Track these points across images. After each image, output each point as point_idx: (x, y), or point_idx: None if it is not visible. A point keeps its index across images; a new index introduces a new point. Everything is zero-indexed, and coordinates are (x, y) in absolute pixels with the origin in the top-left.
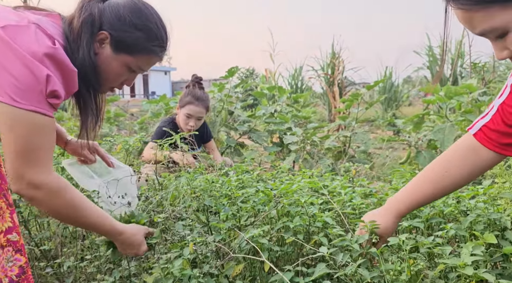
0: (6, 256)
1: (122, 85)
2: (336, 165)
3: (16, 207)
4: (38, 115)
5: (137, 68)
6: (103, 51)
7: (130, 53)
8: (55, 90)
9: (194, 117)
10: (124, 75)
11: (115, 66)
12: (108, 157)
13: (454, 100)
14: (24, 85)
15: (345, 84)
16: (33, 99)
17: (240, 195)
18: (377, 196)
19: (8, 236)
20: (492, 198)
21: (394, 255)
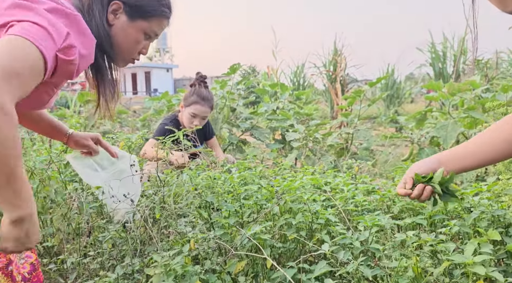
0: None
1: (139, 54)
2: (338, 162)
3: None
4: (38, 52)
5: (152, 32)
6: (118, 21)
7: (145, 18)
8: (71, 44)
9: (200, 116)
10: (141, 42)
11: (133, 34)
12: (112, 149)
13: (457, 96)
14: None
15: (347, 81)
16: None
17: (242, 192)
18: (380, 193)
19: None
20: (496, 195)
21: (397, 252)
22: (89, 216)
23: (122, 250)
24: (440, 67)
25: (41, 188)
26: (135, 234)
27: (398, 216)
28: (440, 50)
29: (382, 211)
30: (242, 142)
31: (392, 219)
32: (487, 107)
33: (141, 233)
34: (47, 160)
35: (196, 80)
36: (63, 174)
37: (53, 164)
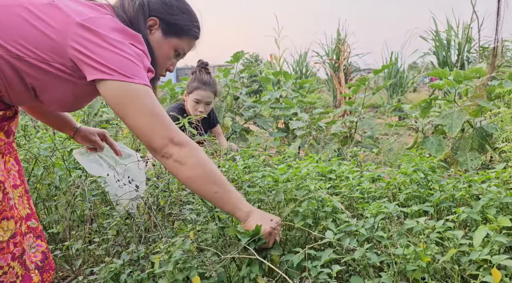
0: (28, 242)
1: (166, 72)
2: (342, 150)
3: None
4: (146, 87)
5: (182, 50)
6: (153, 37)
7: (178, 36)
8: (149, 66)
9: (203, 102)
10: (170, 58)
11: (165, 50)
12: (116, 145)
13: (463, 84)
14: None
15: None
16: (140, 75)
17: (247, 180)
18: (386, 181)
19: (28, 222)
20: (504, 182)
21: (403, 239)
22: (92, 203)
23: (126, 237)
24: (444, 56)
25: (46, 175)
26: (140, 221)
27: (405, 204)
28: (444, 38)
29: (388, 199)
30: (245, 131)
31: (399, 207)
32: (495, 94)
33: (146, 220)
34: (51, 147)
35: (197, 67)
36: (67, 161)
37: (57, 151)
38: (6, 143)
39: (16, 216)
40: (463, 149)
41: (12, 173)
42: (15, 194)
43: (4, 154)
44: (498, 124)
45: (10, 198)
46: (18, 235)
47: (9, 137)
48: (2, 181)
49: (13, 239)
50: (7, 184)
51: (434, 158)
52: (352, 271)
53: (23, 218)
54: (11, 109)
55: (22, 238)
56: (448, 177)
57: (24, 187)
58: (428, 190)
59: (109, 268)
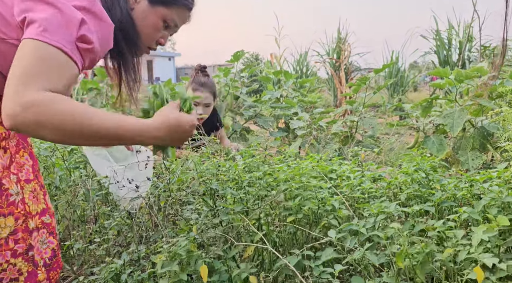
0: (41, 238)
1: (157, 44)
2: (343, 150)
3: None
4: (62, 53)
5: (172, 21)
6: (139, 6)
7: (166, 5)
8: (86, 35)
9: (201, 104)
10: (160, 30)
11: (152, 20)
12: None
13: (464, 84)
14: (55, 24)
15: (351, 69)
16: (61, 38)
17: (246, 178)
18: (387, 180)
19: (42, 218)
20: (506, 181)
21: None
22: (95, 203)
23: (127, 237)
24: (445, 55)
25: (46, 175)
26: (140, 221)
27: (406, 203)
28: (445, 37)
29: (389, 198)
30: (246, 130)
31: (400, 206)
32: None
33: (146, 220)
34: (51, 147)
35: (195, 70)
36: (68, 161)
37: (57, 151)
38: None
39: (17, 212)
40: (464, 149)
41: (26, 168)
42: (26, 189)
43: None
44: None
45: (11, 194)
46: (20, 232)
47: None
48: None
49: (14, 235)
50: (6, 181)
51: (435, 157)
52: (353, 271)
53: (31, 214)
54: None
55: (27, 235)
56: (449, 177)
57: (38, 182)
58: (429, 189)
59: (109, 268)
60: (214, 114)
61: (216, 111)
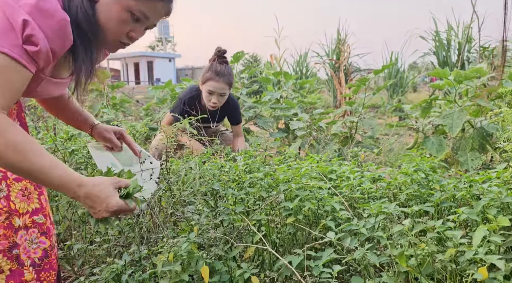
0: (30, 237)
1: (131, 39)
2: (343, 150)
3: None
4: (7, 58)
5: (140, 14)
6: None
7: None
8: (32, 34)
9: (216, 93)
10: (128, 23)
11: (117, 12)
12: (136, 146)
13: (463, 84)
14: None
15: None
16: (6, 42)
17: (247, 179)
18: (386, 181)
19: (34, 217)
20: (505, 182)
21: (403, 239)
22: None
23: (128, 237)
24: (444, 56)
25: None
26: (142, 222)
27: (405, 204)
28: (444, 38)
29: (389, 199)
30: (246, 131)
31: (399, 207)
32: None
33: (147, 221)
34: (52, 148)
35: (214, 55)
36: (68, 162)
37: (58, 152)
38: None
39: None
40: (463, 149)
41: None
42: (14, 187)
43: None
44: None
45: None
46: (2, 229)
47: None
48: None
49: None
50: None
51: (435, 158)
52: (353, 271)
53: (18, 211)
54: None
55: (11, 232)
56: (448, 177)
57: (30, 181)
58: (428, 190)
59: (110, 269)
60: (234, 107)
61: (235, 103)
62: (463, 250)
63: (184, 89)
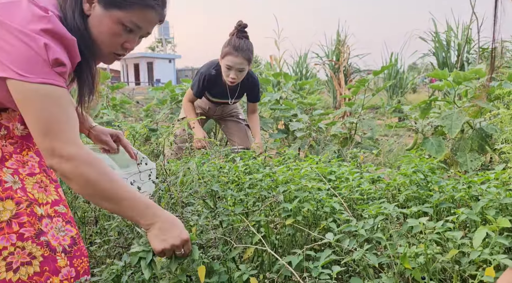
0: (56, 225)
1: (125, 50)
2: (342, 151)
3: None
4: (48, 86)
5: (132, 25)
6: (94, 12)
7: (120, 8)
8: (57, 57)
9: (234, 68)
10: (121, 35)
11: (108, 25)
12: (132, 149)
13: (462, 85)
14: (25, 58)
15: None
16: (39, 71)
17: (247, 180)
18: (385, 182)
19: (55, 207)
20: (504, 183)
21: (403, 240)
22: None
23: (128, 238)
24: (444, 57)
25: None
26: None
27: (404, 205)
28: (444, 39)
29: (388, 200)
30: None
31: (398, 208)
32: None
33: None
34: None
35: (234, 29)
36: None
37: None
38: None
39: (17, 197)
40: (462, 150)
41: (30, 164)
42: (29, 181)
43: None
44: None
45: (6, 182)
46: (25, 215)
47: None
48: None
49: (17, 219)
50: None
51: (434, 159)
52: (352, 272)
53: (37, 201)
54: None
55: (35, 219)
56: (447, 178)
57: (47, 176)
58: (427, 191)
59: (110, 269)
60: (254, 84)
61: (255, 80)
62: (463, 251)
63: (184, 90)
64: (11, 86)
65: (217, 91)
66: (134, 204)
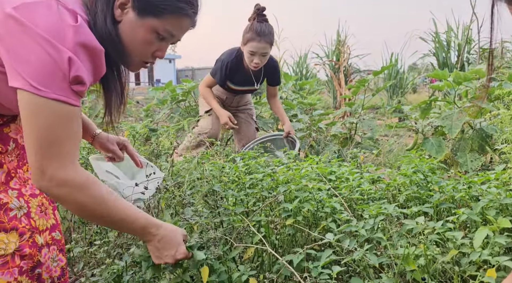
0: (52, 255)
1: (154, 58)
2: (342, 151)
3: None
4: (61, 104)
5: (166, 33)
6: (126, 18)
7: (156, 15)
8: (79, 75)
9: (258, 53)
10: (153, 43)
11: (141, 33)
12: (138, 157)
13: (462, 86)
14: (44, 69)
15: (350, 71)
16: (55, 86)
17: (247, 180)
18: (386, 182)
19: (52, 233)
20: (504, 183)
21: (403, 240)
22: None
23: (128, 239)
24: (444, 57)
25: None
26: None
27: (404, 205)
28: (444, 39)
29: (388, 200)
30: None
31: (398, 208)
32: (495, 96)
33: None
34: None
35: (253, 14)
36: None
37: None
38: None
39: (21, 227)
40: (463, 150)
41: (30, 183)
42: (33, 203)
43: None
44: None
45: (11, 209)
46: (27, 247)
47: (8, 144)
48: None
49: (20, 251)
50: (2, 195)
51: (434, 159)
52: (352, 272)
53: (38, 229)
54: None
55: (36, 250)
56: (448, 178)
57: (45, 196)
58: (428, 191)
59: (111, 269)
60: (275, 68)
61: (275, 63)
62: (464, 252)
63: (184, 90)
64: (20, 96)
65: (239, 79)
66: (130, 226)
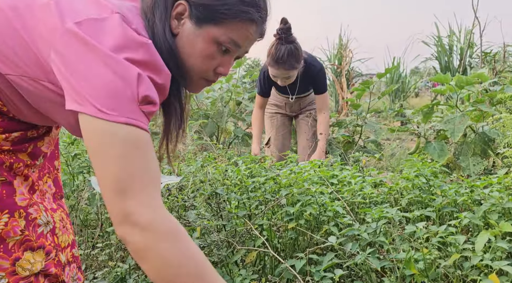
0: (72, 273)
1: (217, 75)
2: (345, 155)
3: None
4: (133, 128)
5: (229, 42)
6: (184, 30)
7: (216, 22)
8: (149, 95)
9: (279, 78)
10: (215, 57)
11: (200, 45)
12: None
13: (465, 90)
14: (110, 90)
15: (352, 75)
16: (124, 108)
17: (250, 184)
18: (388, 186)
19: (73, 250)
20: (506, 187)
21: (405, 244)
22: (99, 208)
23: None
24: (446, 61)
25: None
26: None
27: (407, 209)
28: (447, 43)
29: (390, 204)
30: (248, 136)
31: (401, 212)
32: (497, 100)
33: None
34: None
35: (276, 32)
36: (71, 166)
37: (61, 156)
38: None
39: (48, 245)
40: (465, 154)
41: (48, 196)
42: (56, 218)
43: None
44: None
45: (39, 225)
46: (52, 266)
47: (36, 159)
48: (23, 207)
49: (45, 271)
50: (32, 210)
51: (436, 163)
52: (355, 276)
53: (60, 246)
54: (36, 129)
55: (61, 270)
56: (450, 182)
57: (63, 210)
58: (430, 195)
59: (114, 272)
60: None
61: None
62: (466, 256)
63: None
64: (83, 121)
65: (280, 86)
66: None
